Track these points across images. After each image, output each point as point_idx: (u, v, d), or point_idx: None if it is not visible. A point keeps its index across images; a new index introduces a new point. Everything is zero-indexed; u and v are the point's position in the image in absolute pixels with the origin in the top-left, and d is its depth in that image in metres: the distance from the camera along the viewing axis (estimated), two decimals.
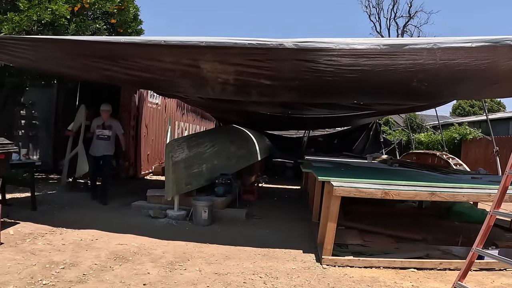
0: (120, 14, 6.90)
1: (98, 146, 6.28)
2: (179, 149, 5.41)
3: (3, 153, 4.35)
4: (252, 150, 8.02)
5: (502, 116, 19.16)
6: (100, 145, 6.29)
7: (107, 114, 6.38)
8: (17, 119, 8.75)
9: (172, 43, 3.76)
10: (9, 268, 3.21)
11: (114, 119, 6.55)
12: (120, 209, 5.68)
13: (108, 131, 6.31)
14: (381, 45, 3.59)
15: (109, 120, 6.37)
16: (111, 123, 6.39)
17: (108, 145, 6.31)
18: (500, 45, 3.42)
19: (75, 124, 6.77)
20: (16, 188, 6.22)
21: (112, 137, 6.36)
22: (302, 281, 3.30)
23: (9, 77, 6.73)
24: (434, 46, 3.53)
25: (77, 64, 4.93)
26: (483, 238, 2.72)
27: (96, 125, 6.34)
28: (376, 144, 13.02)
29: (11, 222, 4.56)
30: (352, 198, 3.87)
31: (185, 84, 5.63)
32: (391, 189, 3.78)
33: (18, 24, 5.62)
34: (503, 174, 2.77)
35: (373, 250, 4.05)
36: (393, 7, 35.86)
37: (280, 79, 4.86)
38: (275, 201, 7.30)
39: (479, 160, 11.75)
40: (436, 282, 3.36)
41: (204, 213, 5.00)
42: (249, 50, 3.80)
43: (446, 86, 5.16)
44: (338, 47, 3.60)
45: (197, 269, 3.46)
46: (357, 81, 4.73)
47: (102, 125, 6.32)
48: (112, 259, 3.61)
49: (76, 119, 6.82)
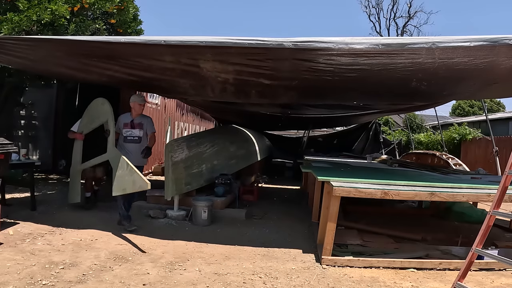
0: (119, 14, 6.90)
1: (129, 152, 4.89)
2: (178, 149, 5.40)
3: (3, 153, 4.35)
4: (251, 150, 8.03)
5: (502, 116, 19.17)
6: (131, 150, 4.93)
7: (141, 109, 5.10)
8: (16, 119, 8.75)
9: (172, 42, 3.76)
10: (9, 268, 3.21)
11: (145, 115, 5.26)
12: None
13: (138, 130, 5.02)
14: (380, 45, 3.59)
15: (139, 117, 5.08)
16: (142, 120, 5.09)
17: (139, 150, 4.97)
18: (498, 44, 3.42)
19: (89, 124, 5.31)
20: (15, 188, 6.22)
21: (143, 139, 5.07)
22: (302, 281, 3.30)
23: (9, 77, 6.73)
24: (433, 45, 3.53)
25: (76, 65, 4.92)
26: (483, 238, 2.72)
27: (123, 124, 5.04)
28: (376, 144, 13.03)
29: (10, 222, 4.56)
30: (352, 198, 3.87)
31: (185, 84, 5.63)
32: (391, 189, 3.78)
33: (18, 24, 5.62)
34: (503, 174, 2.77)
35: (373, 250, 4.05)
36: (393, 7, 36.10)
37: (279, 79, 4.86)
38: (274, 201, 7.29)
39: (479, 160, 11.76)
40: (435, 282, 3.36)
41: (203, 213, 5.00)
42: (249, 50, 3.80)
43: (445, 86, 5.16)
44: (337, 47, 3.60)
45: (197, 269, 3.46)
46: (356, 81, 4.74)
47: (131, 123, 5.01)
48: (111, 259, 3.61)
49: (89, 117, 5.32)
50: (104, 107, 5.07)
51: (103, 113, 5.07)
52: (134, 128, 5.01)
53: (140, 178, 4.19)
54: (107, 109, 5.02)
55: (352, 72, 4.38)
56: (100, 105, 5.15)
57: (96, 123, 5.20)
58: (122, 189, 4.38)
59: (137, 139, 5.00)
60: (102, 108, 5.10)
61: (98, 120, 5.17)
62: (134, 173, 4.25)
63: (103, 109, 5.08)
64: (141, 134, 5.03)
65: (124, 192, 4.41)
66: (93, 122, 5.24)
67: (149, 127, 5.13)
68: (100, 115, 5.13)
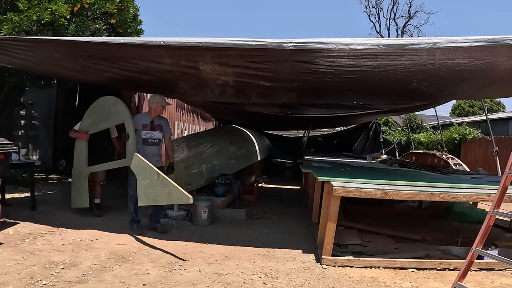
0: (119, 14, 6.90)
1: (149, 155, 4.61)
2: (178, 149, 5.41)
3: (3, 153, 4.35)
4: (251, 150, 8.03)
5: (502, 116, 19.16)
6: (151, 153, 4.67)
7: (162, 111, 4.86)
8: (16, 119, 8.75)
9: (171, 44, 3.75)
10: (9, 268, 3.21)
11: (162, 116, 4.95)
12: (120, 209, 5.68)
13: (158, 132, 4.74)
14: (380, 46, 3.59)
15: (158, 118, 4.82)
16: (161, 121, 4.83)
17: (158, 153, 4.76)
18: (499, 45, 3.42)
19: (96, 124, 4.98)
20: (15, 188, 6.21)
21: (162, 141, 4.84)
22: (302, 281, 3.30)
23: (9, 77, 6.73)
24: (434, 46, 3.53)
25: (76, 66, 4.91)
26: (483, 238, 2.72)
27: (142, 125, 4.72)
28: (376, 144, 13.03)
29: (10, 222, 4.56)
30: (352, 198, 3.87)
31: (184, 86, 5.62)
32: (391, 189, 3.78)
33: (18, 24, 5.62)
34: (503, 174, 2.78)
35: (373, 250, 4.06)
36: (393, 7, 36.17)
37: (279, 81, 4.86)
38: (274, 201, 7.29)
39: (479, 160, 11.76)
40: (435, 282, 3.36)
41: (203, 213, 5.00)
42: (248, 51, 3.80)
43: (445, 86, 5.16)
44: (337, 48, 3.60)
45: (197, 269, 3.46)
46: (356, 82, 4.73)
47: (150, 125, 4.72)
48: (111, 259, 3.61)
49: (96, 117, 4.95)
50: (118, 108, 4.80)
51: (116, 114, 4.79)
52: (155, 130, 4.72)
53: (177, 191, 3.93)
54: (122, 110, 4.74)
55: (353, 74, 4.37)
56: (112, 105, 4.85)
57: (106, 124, 4.95)
58: (153, 199, 4.18)
59: (157, 141, 4.74)
60: (114, 108, 4.82)
61: (108, 121, 4.92)
62: (169, 185, 4.00)
63: (116, 109, 4.80)
64: (161, 136, 4.77)
65: (156, 203, 4.26)
66: (101, 122, 4.95)
67: (167, 130, 4.87)
68: (111, 116, 4.85)
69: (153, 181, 4.14)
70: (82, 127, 5.06)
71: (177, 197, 4.00)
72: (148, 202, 4.23)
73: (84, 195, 5.08)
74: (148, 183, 4.18)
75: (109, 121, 4.91)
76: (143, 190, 4.21)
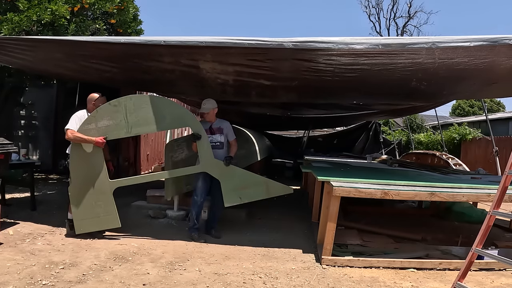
0: (119, 14, 6.91)
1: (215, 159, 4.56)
2: (178, 149, 5.39)
3: (3, 153, 4.35)
4: (251, 150, 8.02)
5: (502, 116, 19.15)
6: (218, 157, 4.55)
7: (213, 114, 4.67)
8: (16, 119, 8.76)
9: (172, 43, 3.76)
10: (9, 268, 3.21)
11: (223, 120, 4.80)
12: (120, 209, 5.65)
13: (219, 135, 4.63)
14: (380, 45, 3.59)
15: (217, 121, 4.72)
16: (221, 124, 4.71)
17: (223, 157, 4.57)
18: (498, 44, 3.42)
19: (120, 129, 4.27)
20: (15, 188, 6.21)
21: (226, 144, 4.70)
22: (302, 281, 3.30)
23: (9, 77, 6.73)
24: (433, 45, 3.54)
25: (76, 66, 4.92)
26: (483, 238, 2.72)
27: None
28: (376, 144, 13.04)
29: (10, 222, 4.56)
30: (352, 198, 3.87)
31: (185, 85, 5.63)
32: (391, 189, 3.78)
33: (18, 24, 5.63)
34: (503, 174, 2.77)
35: (373, 250, 4.05)
36: (393, 7, 35.92)
37: (279, 79, 4.86)
38: (274, 201, 7.27)
39: (479, 160, 11.77)
40: (435, 282, 3.36)
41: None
42: (249, 50, 3.80)
43: (445, 85, 5.16)
44: (337, 47, 3.60)
45: (197, 269, 3.46)
46: (356, 81, 4.74)
47: (210, 129, 4.61)
48: (111, 259, 3.61)
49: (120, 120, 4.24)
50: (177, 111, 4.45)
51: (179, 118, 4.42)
52: (214, 134, 4.63)
53: (275, 185, 4.63)
54: (184, 113, 4.53)
55: (352, 72, 4.38)
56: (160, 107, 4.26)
57: (147, 129, 4.39)
58: (247, 197, 4.55)
59: (219, 144, 4.61)
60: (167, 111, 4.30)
61: (156, 126, 4.31)
62: (266, 181, 4.65)
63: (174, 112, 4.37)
64: (223, 139, 4.64)
65: (251, 199, 4.58)
66: (139, 126, 4.26)
67: (230, 133, 4.73)
68: (161, 120, 4.26)
69: (245, 180, 4.53)
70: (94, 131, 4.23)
71: (277, 190, 4.59)
72: (240, 201, 4.53)
73: (113, 213, 4.34)
74: (239, 183, 4.49)
75: (156, 126, 4.33)
76: (231, 192, 4.47)
